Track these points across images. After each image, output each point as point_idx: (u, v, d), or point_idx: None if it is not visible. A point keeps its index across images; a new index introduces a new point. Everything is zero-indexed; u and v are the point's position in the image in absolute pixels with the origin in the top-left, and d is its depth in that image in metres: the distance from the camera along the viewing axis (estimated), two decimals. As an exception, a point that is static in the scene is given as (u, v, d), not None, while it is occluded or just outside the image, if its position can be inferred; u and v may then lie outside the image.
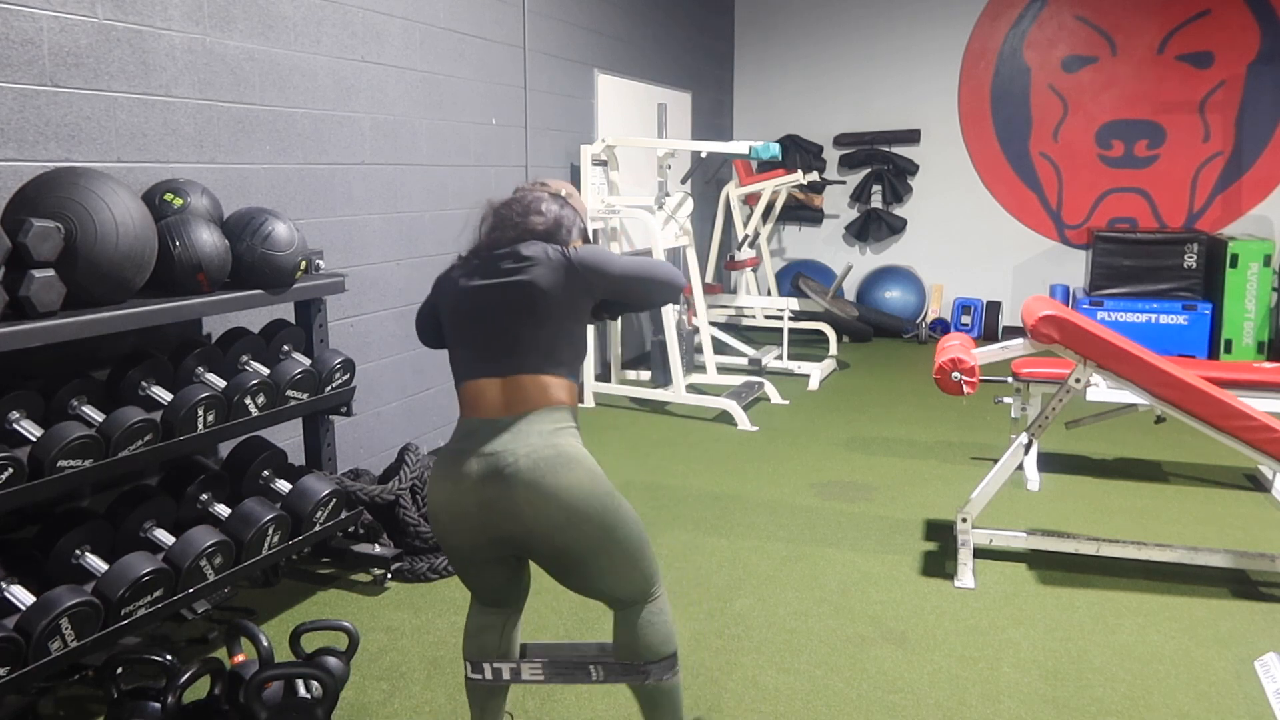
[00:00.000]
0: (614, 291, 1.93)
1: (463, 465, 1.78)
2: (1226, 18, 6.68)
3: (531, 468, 1.73)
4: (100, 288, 2.24)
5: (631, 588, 1.84)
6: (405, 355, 4.04)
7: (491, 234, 1.95)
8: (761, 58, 8.09)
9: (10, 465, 2.04)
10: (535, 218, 1.92)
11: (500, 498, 1.74)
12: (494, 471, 1.74)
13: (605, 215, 5.31)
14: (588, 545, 1.76)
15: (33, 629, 1.99)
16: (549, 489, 1.72)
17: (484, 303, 1.87)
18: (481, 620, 1.96)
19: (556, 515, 1.73)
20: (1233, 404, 2.87)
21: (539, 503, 1.73)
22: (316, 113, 3.46)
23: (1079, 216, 7.28)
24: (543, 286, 1.84)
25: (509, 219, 1.94)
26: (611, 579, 1.82)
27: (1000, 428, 4.87)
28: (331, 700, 2.08)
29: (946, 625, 2.78)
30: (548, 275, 1.85)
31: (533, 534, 1.76)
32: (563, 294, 1.85)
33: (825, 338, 6.59)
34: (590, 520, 1.75)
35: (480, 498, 1.76)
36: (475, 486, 1.75)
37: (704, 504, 3.81)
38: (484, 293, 1.87)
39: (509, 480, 1.73)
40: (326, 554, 3.20)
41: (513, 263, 1.87)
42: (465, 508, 1.78)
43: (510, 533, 1.77)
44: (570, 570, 1.82)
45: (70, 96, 2.58)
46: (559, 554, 1.78)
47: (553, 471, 1.74)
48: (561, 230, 1.95)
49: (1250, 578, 3.08)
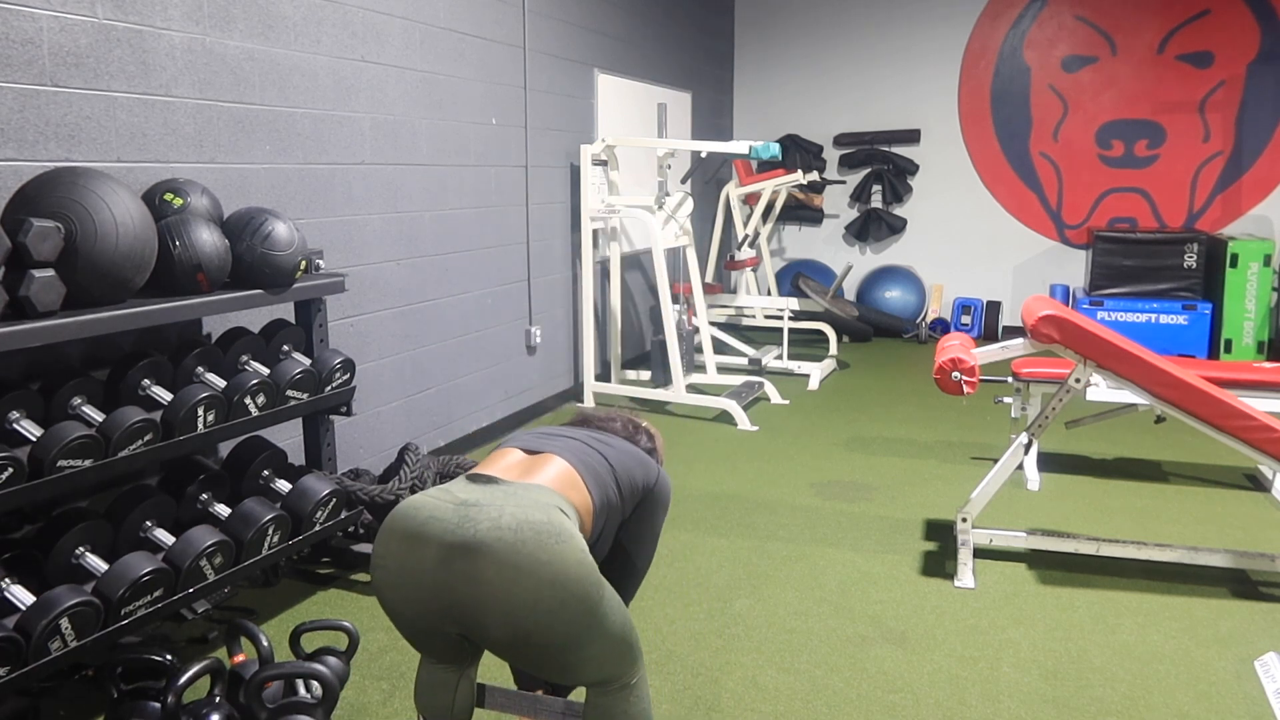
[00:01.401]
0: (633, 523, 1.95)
1: (432, 509, 1.53)
2: (1226, 18, 6.68)
3: (515, 529, 1.47)
4: (100, 288, 2.24)
5: (614, 672, 1.62)
6: (405, 355, 4.04)
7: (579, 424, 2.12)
8: (761, 58, 8.09)
9: (10, 465, 2.04)
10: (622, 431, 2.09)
11: (466, 558, 1.46)
12: (469, 524, 1.48)
13: (605, 215, 5.31)
14: (568, 632, 1.49)
15: (33, 629, 1.99)
16: (529, 559, 1.45)
17: (565, 429, 1.98)
18: (432, 677, 1.74)
19: (533, 591, 1.44)
20: (1233, 404, 2.87)
21: (512, 574, 1.44)
22: (316, 113, 3.46)
23: (1079, 216, 7.28)
24: (624, 448, 1.92)
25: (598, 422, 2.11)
26: (592, 668, 1.58)
27: (1000, 428, 4.87)
28: (331, 700, 2.08)
29: (946, 625, 2.78)
30: (633, 450, 1.95)
31: (492, 610, 1.47)
32: (632, 470, 1.88)
33: (825, 338, 6.59)
34: (577, 602, 1.48)
35: (441, 553, 1.47)
36: (440, 536, 1.49)
37: (704, 504, 3.81)
38: (567, 427, 2.03)
39: (483, 540, 1.46)
40: (326, 554, 3.20)
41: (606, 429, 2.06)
42: (421, 561, 1.50)
43: (465, 603, 1.48)
44: (537, 659, 1.55)
45: (70, 96, 2.58)
46: (524, 639, 1.48)
47: (538, 539, 1.46)
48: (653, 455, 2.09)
49: (1250, 578, 3.08)
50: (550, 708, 1.83)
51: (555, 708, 1.82)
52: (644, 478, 1.92)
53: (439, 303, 4.24)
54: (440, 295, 4.24)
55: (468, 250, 4.43)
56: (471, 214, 4.44)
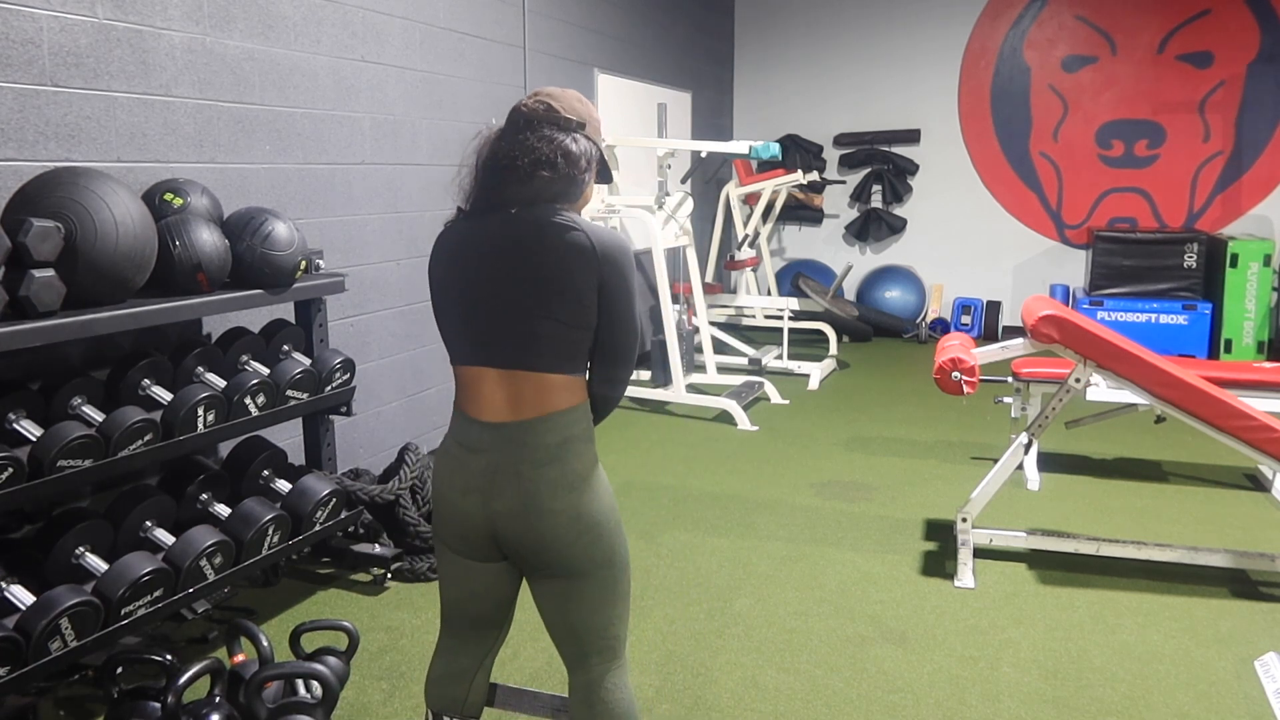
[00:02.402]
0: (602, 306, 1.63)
1: (466, 476, 1.64)
2: (1226, 18, 6.68)
3: (534, 492, 1.59)
4: (100, 287, 2.24)
5: (609, 632, 1.69)
6: (405, 355, 4.03)
7: (496, 183, 1.62)
8: (761, 58, 8.09)
9: (10, 465, 2.04)
10: (544, 171, 1.59)
11: (506, 513, 1.61)
12: (496, 490, 1.61)
13: (605, 215, 5.31)
14: (592, 562, 1.63)
15: (33, 629, 1.99)
16: (559, 509, 1.59)
17: (488, 277, 1.60)
18: (449, 665, 1.78)
19: (568, 531, 1.60)
20: (1233, 404, 2.87)
21: (540, 517, 1.60)
22: (316, 113, 3.46)
23: (1079, 216, 7.28)
24: (558, 270, 1.56)
25: (515, 165, 1.60)
26: (601, 612, 1.67)
27: (1000, 428, 4.87)
28: (331, 700, 2.08)
29: (946, 625, 2.78)
30: (564, 257, 1.56)
31: (538, 551, 1.62)
32: (579, 280, 1.57)
33: (825, 338, 6.59)
34: (600, 539, 1.63)
35: (486, 511, 1.63)
36: (480, 502, 1.62)
37: (704, 504, 3.81)
38: (488, 266, 1.60)
39: (510, 503, 1.60)
40: (326, 554, 3.20)
41: (524, 233, 1.59)
42: (470, 509, 1.64)
43: (514, 543, 1.64)
44: (568, 590, 1.65)
45: (70, 96, 2.57)
46: (565, 566, 1.63)
47: (553, 492, 1.60)
48: (578, 175, 1.63)
49: (1250, 578, 3.08)
50: (549, 703, 1.90)
51: (554, 702, 1.89)
52: (588, 277, 1.58)
53: (439, 303, 4.23)
54: (440, 295, 4.23)
55: (468, 250, 4.42)
56: (471, 214, 4.43)
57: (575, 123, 1.67)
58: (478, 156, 1.67)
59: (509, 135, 1.65)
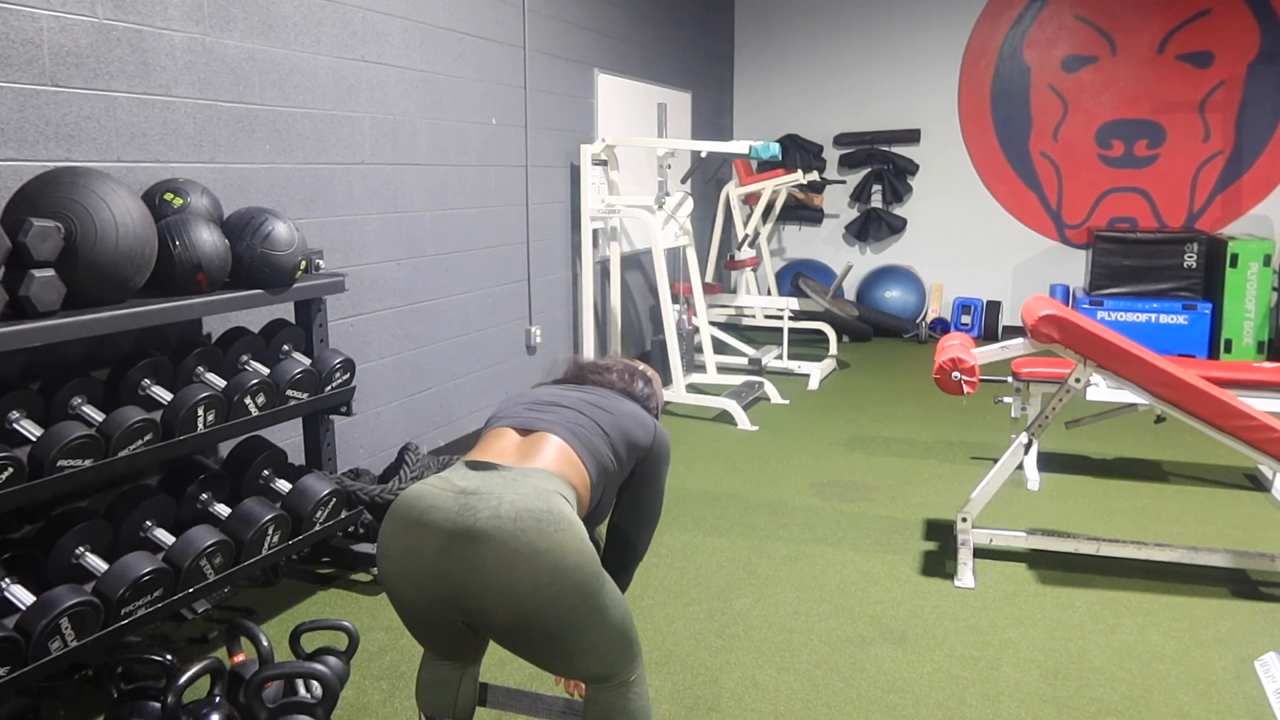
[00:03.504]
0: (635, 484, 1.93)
1: (433, 499, 1.54)
2: (1226, 17, 6.68)
3: (514, 518, 1.48)
4: (100, 287, 2.24)
5: (613, 667, 1.63)
6: (405, 355, 4.04)
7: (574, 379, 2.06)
8: (761, 58, 8.09)
9: (10, 465, 2.04)
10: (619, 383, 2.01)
11: (467, 546, 1.48)
12: (469, 512, 1.50)
13: (605, 215, 5.31)
14: (567, 620, 1.50)
15: (33, 629, 1.99)
16: (528, 547, 1.46)
17: (559, 392, 1.92)
18: (435, 674, 1.74)
19: (532, 579, 1.46)
20: (1233, 404, 2.87)
21: (512, 561, 1.46)
22: (316, 113, 3.46)
23: (1079, 216, 7.28)
24: (620, 409, 1.88)
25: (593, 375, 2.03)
26: (591, 660, 1.59)
27: (1000, 428, 4.87)
28: (331, 700, 2.08)
29: (946, 625, 2.78)
30: (629, 409, 1.90)
31: (493, 597, 1.48)
32: (630, 431, 1.85)
33: (825, 338, 6.59)
34: (576, 591, 1.49)
35: (442, 541, 1.49)
36: (441, 525, 1.50)
37: (704, 504, 3.81)
38: (559, 389, 1.95)
39: (482, 528, 1.48)
40: (326, 554, 3.20)
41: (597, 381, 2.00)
42: (424, 549, 1.51)
43: (467, 590, 1.49)
44: (538, 647, 1.55)
45: (70, 96, 2.58)
46: (524, 625, 1.50)
47: (537, 527, 1.47)
48: (645, 405, 2.02)
49: (1250, 578, 3.08)
50: (551, 706, 1.86)
51: (555, 706, 1.86)
52: (642, 437, 1.88)
53: (439, 303, 4.24)
54: (440, 295, 4.24)
55: (468, 250, 4.43)
56: (472, 214, 4.44)
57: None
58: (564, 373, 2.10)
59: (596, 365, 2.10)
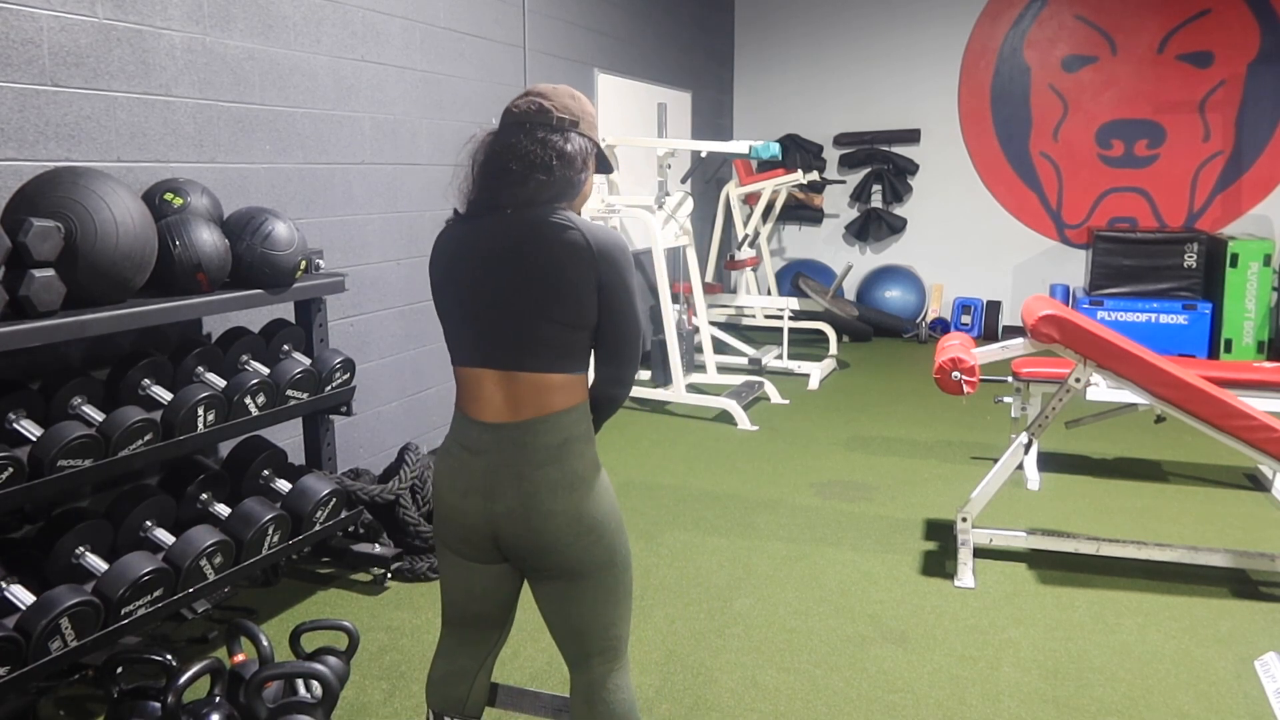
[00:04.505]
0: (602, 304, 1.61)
1: (467, 477, 1.64)
2: (1226, 17, 6.68)
3: (533, 493, 1.59)
4: (100, 287, 2.24)
5: (611, 633, 1.69)
6: (405, 355, 4.03)
7: (492, 185, 1.62)
8: (761, 58, 8.09)
9: (10, 465, 2.04)
10: (540, 175, 1.59)
11: (508, 516, 1.61)
12: (498, 491, 1.61)
13: (605, 215, 5.31)
14: (593, 563, 1.63)
15: (33, 629, 1.99)
16: (559, 510, 1.59)
17: (486, 279, 1.59)
18: (450, 665, 1.78)
19: (568, 532, 1.60)
20: (1233, 404, 2.87)
21: (541, 521, 1.60)
22: (316, 113, 3.46)
23: (1079, 216, 7.28)
24: (555, 270, 1.55)
25: (510, 167, 1.60)
26: (603, 614, 1.67)
27: (1000, 428, 4.87)
28: (331, 700, 2.08)
29: (946, 625, 2.78)
30: (561, 256, 1.55)
31: (536, 550, 1.62)
32: (576, 279, 1.56)
33: (825, 337, 6.59)
34: (601, 540, 1.63)
35: (487, 512, 1.63)
36: (481, 503, 1.62)
37: (704, 504, 3.81)
38: (485, 268, 1.60)
39: (510, 505, 1.60)
40: (326, 554, 3.20)
41: (520, 234, 1.58)
42: (470, 510, 1.64)
43: (515, 545, 1.63)
44: (569, 592, 1.65)
45: (70, 96, 2.57)
46: (566, 568, 1.63)
47: (560, 495, 1.60)
48: (574, 176, 1.63)
49: (1250, 578, 3.08)
50: (552, 704, 1.90)
51: (557, 704, 1.89)
52: (588, 274, 1.57)
53: (439, 303, 4.23)
54: (440, 295, 4.23)
55: (468, 250, 4.42)
56: (471, 214, 4.43)
57: (568, 121, 1.66)
58: (472, 160, 1.68)
59: (503, 137, 1.65)
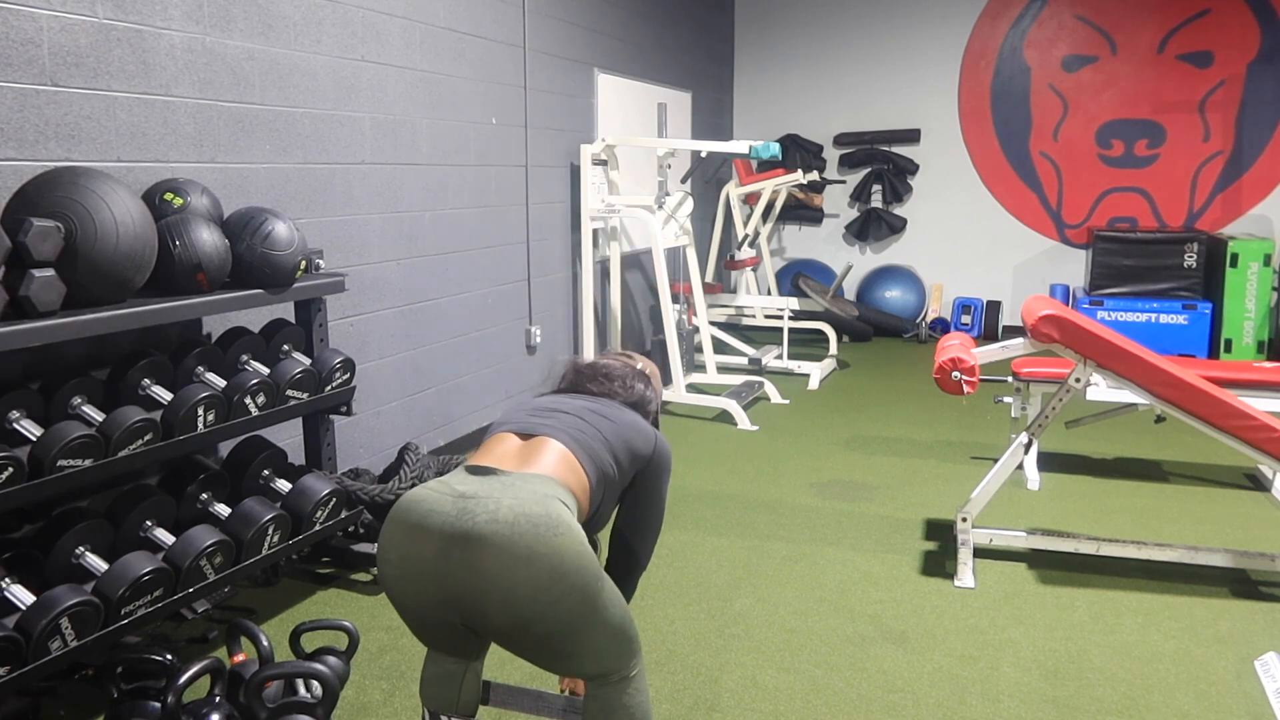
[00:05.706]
0: (635, 493, 1.92)
1: (432, 503, 1.55)
2: (1226, 17, 6.68)
3: (512, 522, 1.49)
4: (100, 287, 2.24)
5: (612, 665, 1.65)
6: (405, 355, 4.04)
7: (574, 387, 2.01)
8: (761, 58, 8.09)
9: (10, 465, 2.04)
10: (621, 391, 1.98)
11: (465, 550, 1.49)
12: (467, 516, 1.51)
13: (605, 215, 5.31)
14: (567, 622, 1.52)
15: (33, 628, 1.99)
16: (526, 551, 1.47)
17: (561, 399, 1.91)
18: (438, 669, 1.74)
19: (530, 583, 1.47)
20: (1233, 404, 2.87)
21: (510, 565, 1.47)
22: (316, 113, 3.46)
23: (1079, 216, 7.28)
24: (622, 418, 1.87)
25: (594, 384, 1.99)
26: (591, 660, 1.61)
27: (1000, 427, 4.87)
28: (331, 700, 2.08)
29: (946, 625, 2.79)
30: (631, 419, 1.89)
31: (492, 600, 1.49)
32: (631, 440, 1.85)
33: (825, 337, 6.59)
34: (575, 594, 1.51)
35: (441, 544, 1.50)
36: (440, 528, 1.51)
37: (704, 503, 3.81)
38: (562, 397, 1.94)
39: (481, 532, 1.49)
40: (326, 553, 3.20)
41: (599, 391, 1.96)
42: (422, 552, 1.52)
43: (466, 593, 1.51)
44: (538, 649, 1.57)
45: (70, 96, 2.58)
46: (523, 628, 1.52)
47: (535, 532, 1.48)
48: (645, 409, 1.99)
49: (1250, 577, 3.08)
50: (552, 704, 1.87)
51: (557, 704, 1.87)
52: (643, 446, 1.88)
53: (439, 303, 4.24)
54: (440, 295, 4.24)
55: (468, 250, 4.43)
56: (471, 214, 4.44)
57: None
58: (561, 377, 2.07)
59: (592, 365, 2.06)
